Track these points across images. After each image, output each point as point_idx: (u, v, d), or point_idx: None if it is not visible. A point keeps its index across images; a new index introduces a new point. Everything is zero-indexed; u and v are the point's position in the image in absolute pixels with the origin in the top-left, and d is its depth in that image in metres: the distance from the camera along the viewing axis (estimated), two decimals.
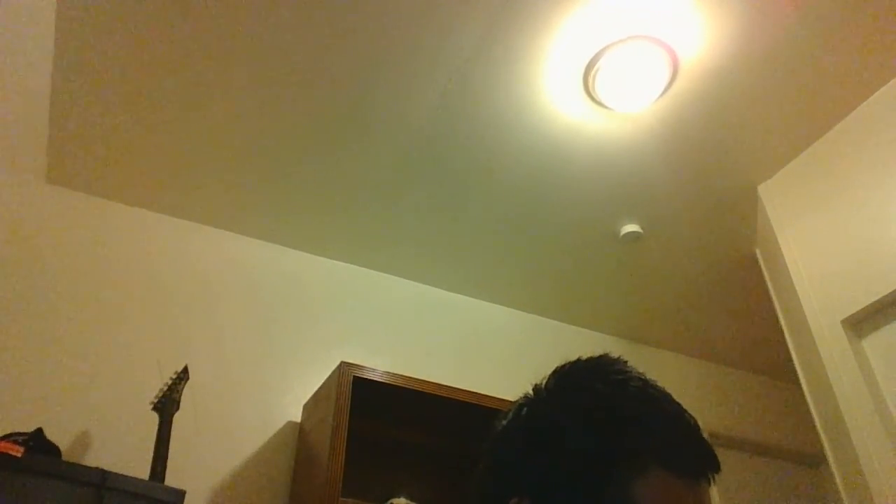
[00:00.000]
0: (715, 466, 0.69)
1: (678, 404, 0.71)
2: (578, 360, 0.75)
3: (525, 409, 0.75)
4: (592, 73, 2.05)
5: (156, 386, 2.01)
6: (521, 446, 0.72)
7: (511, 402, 0.78)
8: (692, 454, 0.68)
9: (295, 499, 2.21)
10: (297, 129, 2.27)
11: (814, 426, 2.26)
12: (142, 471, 1.82)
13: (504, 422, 0.76)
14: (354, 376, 2.10)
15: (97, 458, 2.01)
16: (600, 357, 0.75)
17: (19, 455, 1.55)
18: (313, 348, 2.58)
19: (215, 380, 2.36)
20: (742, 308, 3.02)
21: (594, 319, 3.17)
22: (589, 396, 0.71)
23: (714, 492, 2.89)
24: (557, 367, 0.76)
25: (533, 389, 0.76)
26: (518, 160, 2.37)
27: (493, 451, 0.75)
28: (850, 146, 2.21)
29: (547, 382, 0.75)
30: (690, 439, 0.69)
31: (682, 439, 0.69)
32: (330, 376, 2.18)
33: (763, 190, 2.48)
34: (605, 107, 2.15)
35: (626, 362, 0.74)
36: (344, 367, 2.12)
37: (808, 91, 2.15)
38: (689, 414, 0.71)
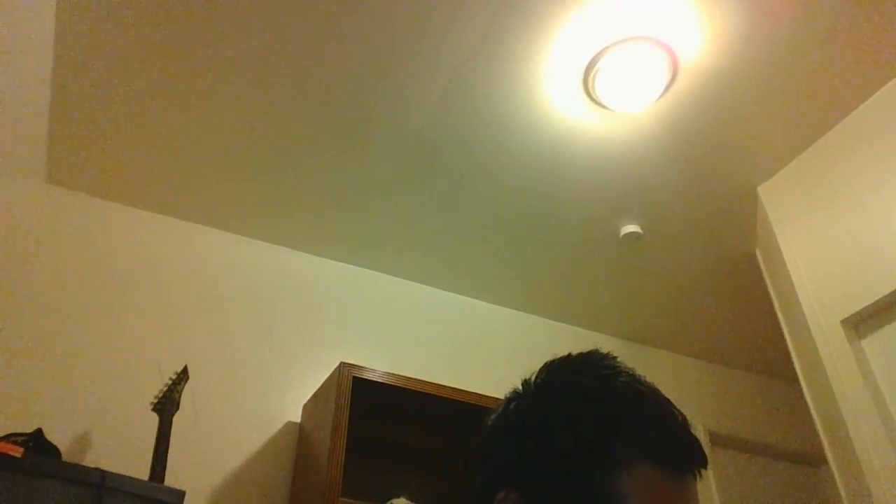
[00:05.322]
0: (702, 461, 0.69)
1: (666, 399, 0.72)
2: (568, 356, 0.76)
3: (513, 403, 0.75)
4: (592, 73, 2.05)
5: (156, 386, 2.01)
6: (510, 441, 0.73)
7: None
8: (679, 449, 0.69)
9: (295, 499, 2.21)
10: (297, 130, 2.27)
11: (814, 426, 2.26)
12: (142, 471, 1.82)
13: (494, 416, 0.77)
14: (354, 376, 2.10)
15: (97, 458, 2.01)
16: (590, 352, 0.75)
17: (19, 455, 1.55)
18: (313, 348, 2.58)
19: (215, 380, 2.36)
20: (742, 308, 3.02)
21: (594, 319, 3.16)
22: (577, 391, 0.71)
23: (714, 492, 2.89)
24: (547, 362, 0.76)
25: (522, 384, 0.76)
26: (518, 160, 2.37)
27: (484, 445, 0.76)
28: (850, 146, 2.21)
29: (536, 377, 0.76)
30: (677, 434, 0.70)
31: (668, 434, 0.69)
32: (330, 376, 2.18)
33: (763, 190, 2.48)
34: (605, 107, 2.15)
35: (615, 358, 0.74)
36: (344, 367, 2.12)
37: (808, 91, 2.15)
38: (677, 409, 0.71)
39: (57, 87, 2.10)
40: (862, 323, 2.09)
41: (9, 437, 1.73)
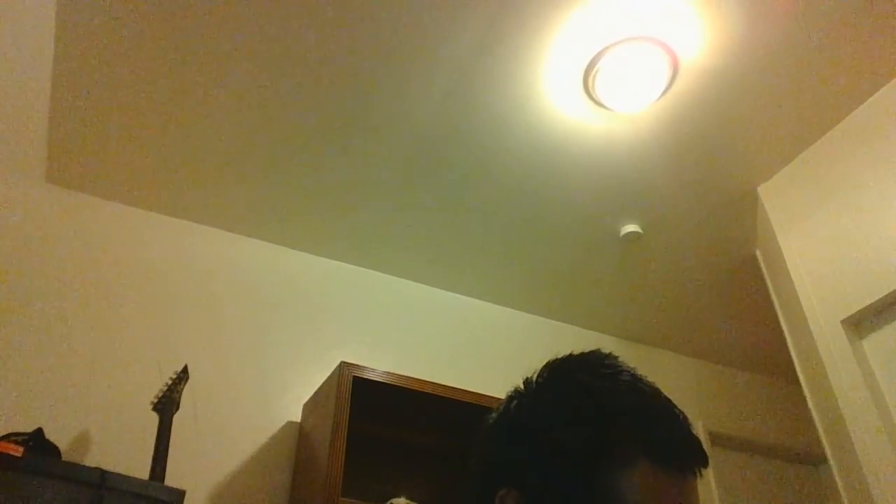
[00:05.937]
0: (702, 460, 0.70)
1: (667, 399, 0.72)
2: (569, 355, 0.77)
3: (515, 402, 0.76)
4: (592, 73, 2.05)
5: (156, 386, 2.01)
6: (511, 439, 0.73)
7: None
8: (680, 448, 0.69)
9: (295, 499, 2.21)
10: (298, 130, 2.27)
11: (814, 426, 2.26)
12: (142, 471, 1.82)
13: (495, 415, 0.77)
14: (354, 376, 2.10)
15: (97, 458, 2.01)
16: (591, 352, 0.76)
17: (19, 455, 1.55)
18: (313, 348, 2.58)
19: (215, 380, 2.36)
20: (742, 308, 3.02)
21: (594, 319, 3.17)
22: (578, 390, 0.72)
23: (714, 492, 2.89)
24: (548, 361, 0.77)
25: (523, 383, 0.77)
26: (518, 160, 2.37)
27: (484, 443, 0.76)
28: (850, 146, 2.21)
29: (537, 376, 0.76)
30: (678, 433, 0.70)
31: (669, 433, 0.69)
32: (330, 376, 2.18)
33: (763, 191, 2.48)
34: (605, 107, 2.15)
35: (616, 357, 0.75)
36: (344, 367, 2.12)
37: (807, 91, 2.15)
38: (678, 408, 0.72)
39: (57, 87, 2.10)
40: (862, 323, 2.10)
41: (9, 437, 1.73)
